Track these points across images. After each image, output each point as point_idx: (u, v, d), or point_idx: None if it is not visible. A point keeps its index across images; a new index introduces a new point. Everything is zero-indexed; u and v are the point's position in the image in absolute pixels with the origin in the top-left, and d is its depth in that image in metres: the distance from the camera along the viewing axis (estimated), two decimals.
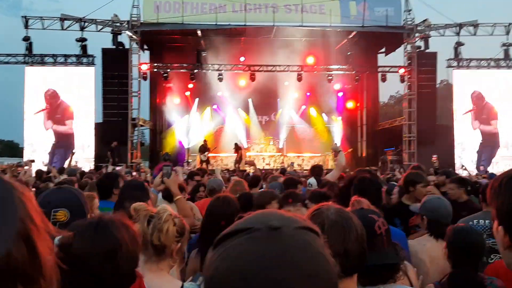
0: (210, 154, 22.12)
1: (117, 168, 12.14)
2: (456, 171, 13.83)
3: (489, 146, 22.25)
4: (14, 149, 55.58)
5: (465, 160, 21.46)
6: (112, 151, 19.04)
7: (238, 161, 21.36)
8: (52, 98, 21.01)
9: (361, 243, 1.59)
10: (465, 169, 9.66)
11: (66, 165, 11.69)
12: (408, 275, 2.32)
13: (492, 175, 8.52)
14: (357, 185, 3.67)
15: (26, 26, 20.90)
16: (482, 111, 22.32)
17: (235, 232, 0.78)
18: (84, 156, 20.12)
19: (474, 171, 18.43)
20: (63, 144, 20.88)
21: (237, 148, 21.88)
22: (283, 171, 9.95)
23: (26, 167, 8.58)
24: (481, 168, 20.12)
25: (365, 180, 3.75)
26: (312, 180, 6.02)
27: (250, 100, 25.68)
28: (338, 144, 23.67)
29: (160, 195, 4.48)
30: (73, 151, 12.84)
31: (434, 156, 16.00)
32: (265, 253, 0.72)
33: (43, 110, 20.98)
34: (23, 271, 0.83)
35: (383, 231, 1.91)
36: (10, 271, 0.82)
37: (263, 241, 0.74)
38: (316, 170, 7.15)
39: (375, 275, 1.86)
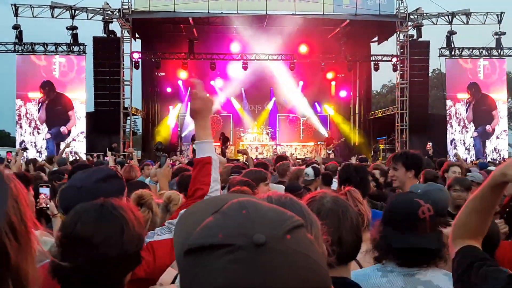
0: None
1: (106, 158, 12.06)
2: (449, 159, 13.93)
3: (483, 136, 22.48)
4: (5, 139, 55.16)
5: (458, 149, 21.69)
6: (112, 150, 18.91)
7: (223, 152, 21.51)
8: (49, 90, 20.87)
9: (356, 232, 1.59)
10: (458, 158, 9.71)
11: (58, 155, 11.62)
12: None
13: (483, 164, 8.59)
14: (341, 174, 3.64)
15: (16, 14, 20.62)
16: (481, 101, 22.46)
17: (212, 247, 0.67)
18: (75, 146, 20.04)
19: (466, 160, 18.59)
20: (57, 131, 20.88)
21: (225, 139, 21.91)
22: (279, 159, 9.93)
23: (16, 156, 8.48)
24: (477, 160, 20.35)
25: (349, 168, 3.71)
26: (309, 170, 6.01)
27: (242, 89, 25.59)
28: (328, 133, 23.78)
29: (158, 185, 4.46)
30: (68, 142, 12.76)
31: (429, 144, 16.12)
32: (255, 277, 0.64)
33: (42, 102, 20.84)
34: (10, 261, 0.83)
35: (427, 216, 1.94)
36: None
37: (248, 265, 0.64)
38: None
39: (411, 258, 1.91)
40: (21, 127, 21.03)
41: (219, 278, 0.64)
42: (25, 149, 12.17)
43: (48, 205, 3.08)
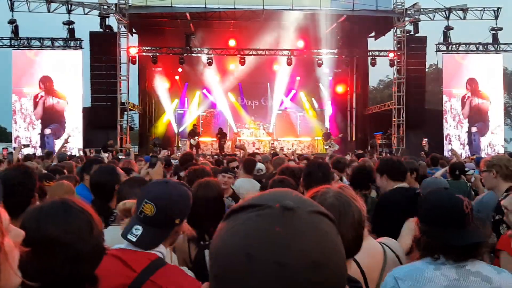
0: (200, 139, 22.10)
1: (104, 154, 12.05)
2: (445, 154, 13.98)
3: (479, 131, 22.55)
4: (1, 134, 54.95)
5: (454, 144, 21.75)
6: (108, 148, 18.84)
7: (222, 146, 21.58)
8: (49, 85, 20.80)
9: (357, 229, 1.59)
10: (454, 153, 9.74)
11: (58, 150, 11.59)
12: None
13: (479, 159, 8.62)
14: (304, 169, 3.68)
15: (12, 8, 20.51)
16: (477, 97, 22.51)
17: (247, 207, 0.74)
18: (73, 147, 19.98)
19: (462, 155, 18.64)
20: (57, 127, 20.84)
21: (222, 134, 21.92)
22: (275, 154, 9.99)
23: (14, 151, 8.47)
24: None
25: (313, 164, 3.73)
26: (261, 165, 6.15)
27: (239, 85, 25.56)
28: (328, 129, 23.80)
29: None
30: (68, 137, 12.69)
31: (424, 140, 16.16)
32: (274, 233, 0.69)
33: (40, 97, 20.77)
34: None
35: (469, 210, 1.99)
36: None
37: (274, 221, 0.70)
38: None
39: (461, 253, 1.95)
40: (15, 122, 20.97)
41: (244, 226, 0.72)
42: (26, 146, 12.12)
43: None
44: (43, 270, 1.36)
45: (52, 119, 20.92)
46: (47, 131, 20.82)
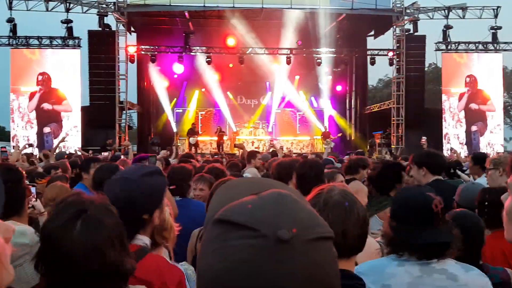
0: (199, 138, 22.08)
1: (105, 154, 12.04)
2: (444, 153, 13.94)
3: (479, 130, 22.58)
4: (0, 133, 54.86)
5: (453, 143, 21.78)
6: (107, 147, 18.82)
7: (221, 145, 21.58)
8: (47, 81, 20.77)
9: (361, 226, 1.60)
10: (454, 152, 9.75)
11: (53, 149, 11.53)
12: None
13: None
14: (298, 170, 3.63)
15: (10, 7, 20.47)
16: (476, 95, 22.53)
17: (241, 227, 0.69)
18: (70, 140, 19.95)
19: (461, 154, 18.63)
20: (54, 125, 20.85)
21: (220, 132, 21.91)
22: (274, 154, 9.94)
23: (17, 149, 8.42)
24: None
25: (305, 164, 3.69)
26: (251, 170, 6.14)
27: (238, 84, 25.54)
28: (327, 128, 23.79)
29: None
30: (65, 137, 12.68)
31: (423, 138, 16.13)
32: (268, 270, 0.65)
33: (37, 92, 20.74)
34: None
35: (439, 209, 1.96)
36: None
37: (268, 255, 0.66)
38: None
39: (428, 252, 1.93)
40: (13, 121, 20.92)
41: (234, 255, 0.67)
42: (30, 145, 12.09)
43: (33, 205, 2.99)
44: (51, 283, 1.36)
45: (49, 117, 20.87)
46: (47, 129, 20.78)
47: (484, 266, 2.45)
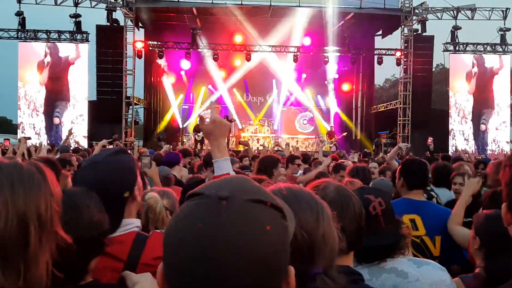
0: None
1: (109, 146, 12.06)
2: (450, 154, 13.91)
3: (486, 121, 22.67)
4: (7, 126, 55.22)
5: (458, 140, 21.82)
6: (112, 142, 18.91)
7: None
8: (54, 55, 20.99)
9: (358, 222, 1.59)
10: (466, 152, 9.70)
11: (62, 143, 11.62)
12: None
13: (487, 160, 8.56)
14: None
15: (19, 0, 20.56)
16: (481, 95, 22.55)
17: (193, 195, 0.82)
18: (77, 134, 20.07)
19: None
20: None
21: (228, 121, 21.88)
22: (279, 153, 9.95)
23: (19, 144, 8.47)
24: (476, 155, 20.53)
25: (413, 163, 3.55)
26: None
27: (245, 81, 25.54)
28: (333, 127, 23.75)
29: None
30: (71, 130, 12.77)
31: (430, 138, 16.13)
32: (206, 222, 0.75)
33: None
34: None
35: (379, 211, 1.89)
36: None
37: (208, 209, 0.77)
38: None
39: (370, 256, 1.89)
40: (20, 108, 21.04)
41: (182, 212, 0.80)
42: (28, 138, 12.16)
43: None
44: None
45: (57, 89, 20.98)
46: (56, 120, 20.88)
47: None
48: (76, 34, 21.21)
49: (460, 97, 22.51)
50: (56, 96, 20.95)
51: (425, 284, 1.83)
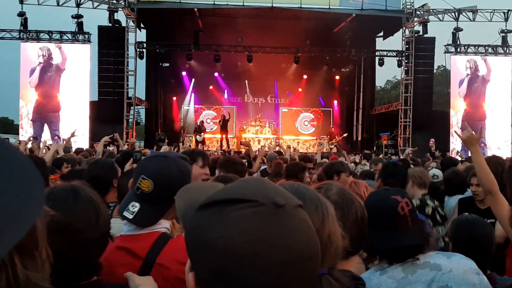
0: (206, 135, 22.11)
1: (109, 148, 12.09)
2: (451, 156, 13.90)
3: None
4: (8, 126, 55.27)
5: (457, 141, 21.70)
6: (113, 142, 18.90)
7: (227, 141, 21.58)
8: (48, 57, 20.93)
9: (360, 227, 1.58)
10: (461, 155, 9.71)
11: (65, 143, 11.63)
12: None
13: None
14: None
15: (21, 1, 20.57)
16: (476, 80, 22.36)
17: (236, 201, 0.77)
18: (78, 135, 20.04)
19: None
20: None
21: (224, 121, 21.87)
22: (279, 153, 9.96)
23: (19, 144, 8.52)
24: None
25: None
26: None
27: (246, 82, 25.55)
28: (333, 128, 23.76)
29: None
30: (74, 131, 12.77)
31: (432, 140, 16.10)
32: (273, 232, 0.74)
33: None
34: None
35: (406, 211, 1.91)
36: None
37: (270, 219, 0.75)
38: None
39: (399, 256, 1.91)
40: (20, 109, 20.99)
41: (240, 225, 0.74)
42: (35, 138, 12.18)
43: None
44: (56, 254, 1.38)
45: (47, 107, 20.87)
46: (56, 138, 20.78)
47: (491, 276, 2.41)
48: (78, 35, 21.22)
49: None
50: (45, 106, 20.89)
51: (458, 274, 1.86)
